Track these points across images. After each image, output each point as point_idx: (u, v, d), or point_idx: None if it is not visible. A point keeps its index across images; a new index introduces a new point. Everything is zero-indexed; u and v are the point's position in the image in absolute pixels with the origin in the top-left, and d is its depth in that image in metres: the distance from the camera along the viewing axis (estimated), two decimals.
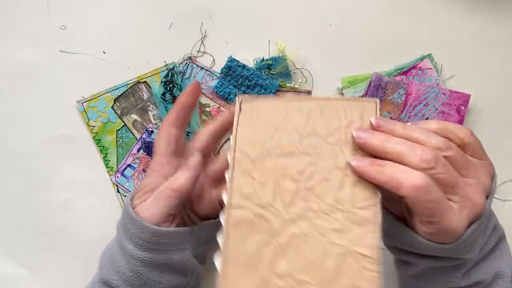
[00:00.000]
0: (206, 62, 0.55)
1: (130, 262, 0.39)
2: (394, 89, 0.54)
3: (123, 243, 0.40)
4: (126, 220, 0.40)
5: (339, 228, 0.33)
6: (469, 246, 0.35)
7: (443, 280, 0.38)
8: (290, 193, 0.35)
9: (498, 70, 0.55)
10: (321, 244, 0.33)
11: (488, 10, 0.55)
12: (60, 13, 0.55)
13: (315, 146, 0.36)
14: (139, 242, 0.39)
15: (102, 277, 0.41)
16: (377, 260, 0.33)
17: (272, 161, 0.35)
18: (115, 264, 0.40)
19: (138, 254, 0.39)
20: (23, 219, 0.54)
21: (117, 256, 0.40)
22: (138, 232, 0.38)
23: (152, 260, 0.39)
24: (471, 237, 0.35)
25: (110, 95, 0.54)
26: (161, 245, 0.39)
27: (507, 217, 0.54)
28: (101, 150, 0.54)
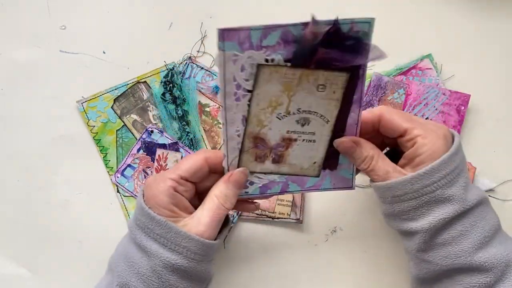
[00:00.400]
0: (206, 62, 0.55)
1: (151, 261, 0.39)
2: (394, 89, 0.54)
3: (144, 243, 0.40)
4: (150, 223, 0.40)
5: None
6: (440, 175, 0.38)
7: (453, 249, 0.39)
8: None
9: (498, 70, 0.55)
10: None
11: (488, 10, 0.56)
12: (60, 13, 0.55)
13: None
14: (166, 243, 0.39)
15: (120, 280, 0.40)
16: None
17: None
18: (134, 266, 0.40)
19: (162, 253, 0.39)
20: (23, 219, 0.54)
21: (136, 257, 0.40)
22: (175, 239, 0.39)
23: (176, 264, 0.39)
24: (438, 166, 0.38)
25: (110, 95, 0.54)
26: (205, 256, 0.41)
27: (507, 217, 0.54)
28: (101, 150, 0.54)
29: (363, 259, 0.54)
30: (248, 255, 0.54)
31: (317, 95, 0.38)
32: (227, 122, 0.39)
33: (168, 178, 0.41)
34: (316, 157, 0.42)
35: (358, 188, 0.55)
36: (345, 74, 0.37)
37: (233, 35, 0.35)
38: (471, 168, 0.54)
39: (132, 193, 0.54)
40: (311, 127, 0.40)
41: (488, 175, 0.54)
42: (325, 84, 0.37)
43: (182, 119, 0.54)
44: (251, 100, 0.38)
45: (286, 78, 0.37)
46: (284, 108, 0.39)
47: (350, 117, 0.40)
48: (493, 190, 0.54)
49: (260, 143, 0.41)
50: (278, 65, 0.36)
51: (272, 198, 0.53)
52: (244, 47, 0.35)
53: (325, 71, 0.37)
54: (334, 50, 0.36)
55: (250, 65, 0.36)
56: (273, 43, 0.35)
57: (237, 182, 0.42)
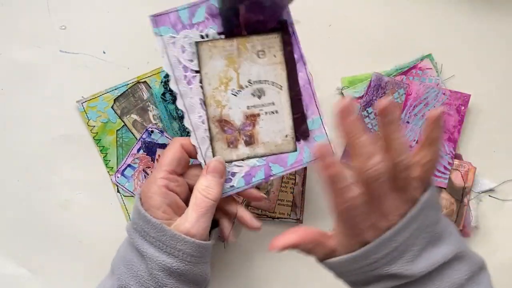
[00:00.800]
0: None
1: (148, 264, 0.39)
2: (394, 89, 0.54)
3: (141, 247, 0.40)
4: (146, 226, 0.40)
5: None
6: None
7: None
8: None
9: (498, 70, 0.55)
10: None
11: (488, 11, 0.56)
12: (60, 13, 0.55)
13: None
14: (161, 246, 0.39)
15: (120, 283, 0.41)
16: None
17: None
18: (132, 269, 0.40)
19: (158, 257, 0.39)
20: (23, 219, 0.54)
21: (134, 260, 0.41)
22: (170, 242, 0.39)
23: (172, 267, 0.39)
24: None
25: (110, 95, 0.54)
26: (201, 258, 0.41)
27: (507, 217, 0.55)
28: (101, 150, 0.54)
29: None
30: (248, 255, 0.54)
31: (260, 63, 0.40)
32: (187, 110, 0.40)
33: (158, 178, 0.41)
34: (285, 129, 0.43)
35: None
36: (277, 34, 0.40)
37: (164, 19, 0.38)
38: (471, 168, 0.54)
39: (132, 193, 0.54)
40: (268, 97, 0.41)
41: (488, 175, 0.54)
42: (263, 49, 0.40)
43: (182, 119, 0.54)
44: (202, 81, 0.40)
45: (226, 51, 0.39)
46: (236, 82, 0.40)
47: (300, 78, 0.41)
48: (493, 190, 0.54)
49: (226, 125, 0.42)
50: (213, 40, 0.39)
51: (272, 198, 0.53)
52: (178, 28, 0.38)
53: (258, 36, 0.39)
54: (253, 7, 0.38)
55: (188, 44, 0.39)
56: (202, 19, 0.38)
57: (215, 170, 0.42)
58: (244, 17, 0.37)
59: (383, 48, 0.55)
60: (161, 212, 0.41)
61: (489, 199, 0.55)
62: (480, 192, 0.54)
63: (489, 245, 0.54)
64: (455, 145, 0.54)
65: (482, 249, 0.54)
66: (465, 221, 0.54)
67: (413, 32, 0.55)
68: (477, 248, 0.54)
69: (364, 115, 0.54)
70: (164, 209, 0.41)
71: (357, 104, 0.51)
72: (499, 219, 0.54)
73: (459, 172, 0.54)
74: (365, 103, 0.54)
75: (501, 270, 0.54)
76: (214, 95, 0.40)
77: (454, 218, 0.54)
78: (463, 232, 0.54)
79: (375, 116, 0.54)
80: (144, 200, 0.41)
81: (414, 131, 0.54)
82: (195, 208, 0.41)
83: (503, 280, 0.55)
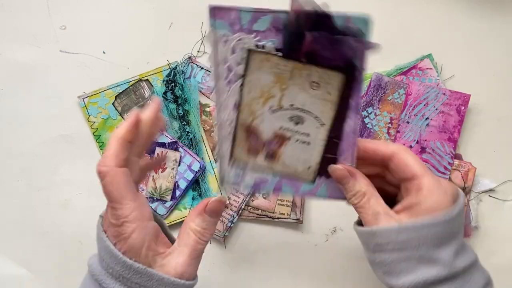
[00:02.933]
0: (206, 62, 0.55)
1: None
2: (394, 89, 0.54)
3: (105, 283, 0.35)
4: (126, 272, 0.34)
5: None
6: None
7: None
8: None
9: (498, 70, 0.55)
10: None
11: (488, 10, 0.56)
12: (60, 13, 0.55)
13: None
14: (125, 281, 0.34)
15: None
16: None
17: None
18: None
19: None
20: (23, 219, 0.54)
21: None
22: (157, 286, 0.34)
23: None
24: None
25: (111, 91, 0.54)
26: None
27: (507, 217, 0.55)
28: (100, 146, 0.54)
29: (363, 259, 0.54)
30: (248, 255, 0.54)
31: (311, 93, 0.37)
32: (219, 107, 0.38)
33: (124, 198, 0.34)
34: (311, 162, 0.41)
35: None
36: (340, 74, 0.37)
37: (224, 13, 0.34)
38: (471, 168, 0.54)
39: None
40: (305, 127, 0.39)
41: (488, 175, 0.54)
42: (319, 82, 0.37)
43: (182, 118, 0.54)
44: (243, 86, 0.37)
45: (278, 69, 0.36)
46: (277, 101, 0.38)
47: (347, 124, 0.38)
48: (493, 190, 0.54)
49: (253, 136, 0.40)
50: (269, 53, 0.36)
51: (272, 198, 0.53)
52: (235, 28, 0.35)
53: (318, 68, 0.36)
54: (322, 40, 0.35)
55: (240, 48, 0.36)
56: (264, 28, 0.35)
57: (214, 212, 0.37)
58: (308, 46, 0.35)
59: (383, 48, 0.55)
60: (144, 250, 0.35)
61: (489, 199, 0.55)
62: (480, 192, 0.54)
63: (489, 245, 0.54)
64: (455, 145, 0.54)
65: (482, 249, 0.54)
66: (465, 221, 0.54)
67: (413, 32, 0.55)
68: (477, 248, 0.54)
69: (364, 115, 0.54)
70: (147, 245, 0.35)
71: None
72: (499, 219, 0.54)
73: (459, 172, 0.54)
74: (365, 103, 0.54)
75: (501, 270, 0.54)
76: (251, 104, 0.38)
77: None
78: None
79: (375, 116, 0.54)
80: (117, 240, 0.34)
81: (414, 131, 0.54)
82: (189, 250, 0.36)
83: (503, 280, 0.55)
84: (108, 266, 0.35)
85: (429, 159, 0.54)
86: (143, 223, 0.35)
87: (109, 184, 0.34)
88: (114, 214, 0.34)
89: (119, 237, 0.34)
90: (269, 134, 0.40)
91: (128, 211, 0.34)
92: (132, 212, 0.34)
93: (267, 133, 0.40)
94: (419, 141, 0.54)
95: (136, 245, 0.34)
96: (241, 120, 0.39)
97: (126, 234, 0.34)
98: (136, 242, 0.34)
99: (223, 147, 0.40)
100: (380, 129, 0.54)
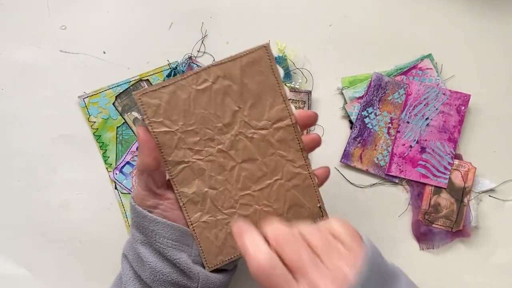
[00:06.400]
0: (206, 62, 0.55)
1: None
2: (394, 89, 0.54)
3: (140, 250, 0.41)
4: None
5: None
6: None
7: None
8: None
9: (498, 70, 0.55)
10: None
11: (488, 10, 0.56)
12: (60, 13, 0.55)
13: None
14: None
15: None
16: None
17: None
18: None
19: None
20: (23, 219, 0.54)
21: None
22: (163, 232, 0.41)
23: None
24: None
25: (112, 91, 0.54)
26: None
27: (507, 217, 0.55)
28: (100, 146, 0.54)
29: None
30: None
31: None
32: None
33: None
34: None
35: (358, 188, 0.55)
36: None
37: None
38: (471, 168, 0.54)
39: (130, 190, 0.54)
40: None
41: (488, 175, 0.54)
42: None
43: None
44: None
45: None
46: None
47: None
48: (493, 190, 0.54)
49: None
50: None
51: None
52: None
53: None
54: None
55: None
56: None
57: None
58: None
59: (383, 48, 0.55)
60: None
61: (489, 199, 0.55)
62: (480, 192, 0.54)
63: (489, 245, 0.54)
64: (455, 145, 0.54)
65: (482, 249, 0.54)
66: (465, 221, 0.54)
67: (413, 32, 0.55)
68: (477, 248, 0.54)
69: (364, 115, 0.54)
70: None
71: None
72: (499, 219, 0.54)
73: (459, 172, 0.54)
74: (365, 103, 0.54)
75: (501, 270, 0.54)
76: None
77: (454, 218, 0.54)
78: (463, 232, 0.54)
79: (375, 116, 0.54)
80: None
81: (414, 131, 0.54)
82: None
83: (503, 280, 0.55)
84: (132, 220, 0.42)
85: (429, 159, 0.54)
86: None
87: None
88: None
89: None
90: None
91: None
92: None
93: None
94: (419, 141, 0.54)
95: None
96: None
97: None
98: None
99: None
100: (380, 129, 0.54)
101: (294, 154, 0.41)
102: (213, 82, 0.40)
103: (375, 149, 0.54)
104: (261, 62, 0.39)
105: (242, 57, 0.39)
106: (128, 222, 0.54)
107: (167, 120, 0.40)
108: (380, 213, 0.54)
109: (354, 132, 0.54)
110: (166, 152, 0.40)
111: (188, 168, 0.41)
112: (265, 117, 0.40)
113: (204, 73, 0.40)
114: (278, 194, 0.42)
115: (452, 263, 0.54)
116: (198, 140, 0.40)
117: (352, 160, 0.54)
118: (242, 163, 0.41)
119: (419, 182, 0.54)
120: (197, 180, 0.41)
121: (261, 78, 0.40)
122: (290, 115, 0.41)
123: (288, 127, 0.41)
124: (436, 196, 0.54)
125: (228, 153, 0.41)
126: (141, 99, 0.39)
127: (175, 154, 0.40)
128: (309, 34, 0.55)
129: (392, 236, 0.54)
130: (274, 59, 0.40)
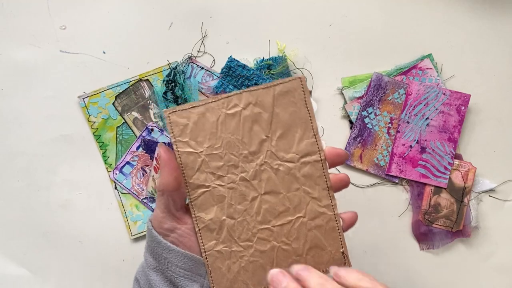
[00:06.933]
0: (206, 62, 0.55)
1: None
2: (394, 89, 0.54)
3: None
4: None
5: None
6: None
7: None
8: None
9: (498, 70, 0.55)
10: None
11: (488, 11, 0.56)
12: (60, 13, 0.55)
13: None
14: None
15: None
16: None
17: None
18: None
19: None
20: (23, 219, 0.54)
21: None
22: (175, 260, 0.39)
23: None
24: None
25: (111, 91, 0.54)
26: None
27: (507, 217, 0.55)
28: (100, 146, 0.54)
29: (363, 259, 0.54)
30: None
31: None
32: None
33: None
34: None
35: (358, 188, 0.55)
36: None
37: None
38: (471, 168, 0.54)
39: (129, 190, 0.54)
40: None
41: (488, 175, 0.54)
42: None
43: None
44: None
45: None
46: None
47: None
48: (493, 190, 0.54)
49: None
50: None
51: None
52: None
53: None
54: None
55: None
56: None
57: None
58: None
59: (383, 48, 0.55)
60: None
61: (489, 199, 0.55)
62: (480, 192, 0.54)
63: (489, 245, 0.54)
64: (455, 145, 0.54)
65: (482, 249, 0.54)
66: (465, 221, 0.54)
67: (413, 32, 0.55)
68: (477, 248, 0.54)
69: (364, 115, 0.54)
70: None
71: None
72: (499, 219, 0.54)
73: (459, 172, 0.54)
74: (365, 103, 0.54)
75: (501, 270, 0.54)
76: None
77: (454, 218, 0.54)
78: (463, 232, 0.54)
79: (375, 116, 0.54)
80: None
81: (414, 131, 0.54)
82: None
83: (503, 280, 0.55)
84: (146, 244, 0.41)
85: (429, 159, 0.54)
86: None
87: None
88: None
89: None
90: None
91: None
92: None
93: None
94: (419, 141, 0.54)
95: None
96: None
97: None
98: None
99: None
100: (380, 129, 0.54)
101: (320, 192, 0.39)
102: (243, 107, 0.38)
103: (375, 149, 0.54)
104: (294, 93, 0.38)
105: (275, 86, 0.38)
106: (128, 222, 0.54)
107: (193, 141, 0.38)
108: (380, 213, 0.54)
109: (354, 132, 0.54)
110: (188, 173, 0.39)
111: (208, 193, 0.39)
112: (293, 149, 0.39)
113: (236, 97, 0.38)
114: (299, 233, 0.39)
115: (452, 263, 0.54)
116: (222, 165, 0.39)
117: (352, 160, 0.54)
118: (264, 194, 0.39)
119: (419, 182, 0.54)
120: (216, 206, 0.39)
121: (293, 109, 0.39)
122: (319, 151, 0.39)
123: (316, 162, 0.39)
124: (436, 196, 0.54)
125: (251, 182, 0.39)
126: (169, 117, 0.38)
127: (196, 177, 0.39)
128: (309, 34, 0.55)
129: (392, 236, 0.54)
130: (308, 92, 0.39)
